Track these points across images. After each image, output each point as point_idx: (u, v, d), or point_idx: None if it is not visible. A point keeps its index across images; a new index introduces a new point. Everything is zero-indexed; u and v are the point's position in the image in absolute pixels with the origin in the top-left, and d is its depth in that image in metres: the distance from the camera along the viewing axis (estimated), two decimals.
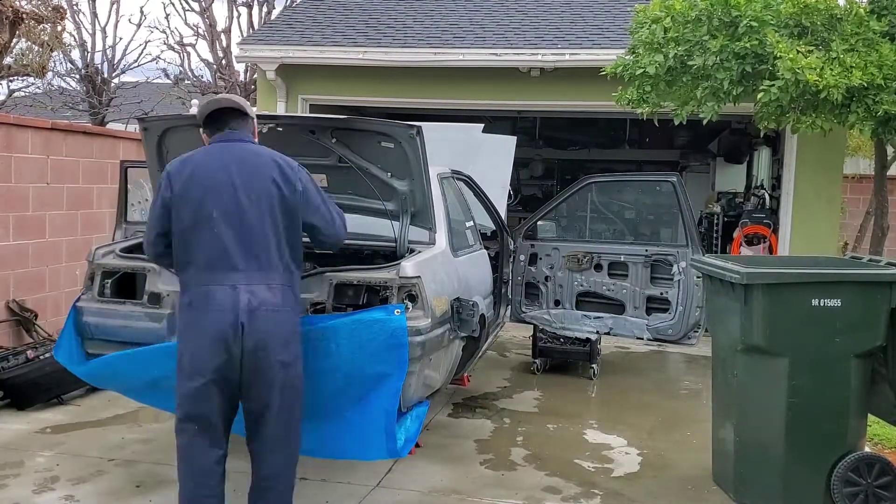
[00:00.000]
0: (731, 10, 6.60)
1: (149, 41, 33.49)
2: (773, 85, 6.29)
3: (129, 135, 8.97)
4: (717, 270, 4.63)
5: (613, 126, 14.56)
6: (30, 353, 6.18)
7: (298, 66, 10.18)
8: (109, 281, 4.74)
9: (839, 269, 4.65)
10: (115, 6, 18.32)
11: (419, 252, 4.66)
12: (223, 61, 18.31)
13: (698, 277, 6.11)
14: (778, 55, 6.23)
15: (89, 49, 18.15)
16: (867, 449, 4.96)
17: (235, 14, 18.41)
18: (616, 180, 7.92)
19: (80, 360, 4.67)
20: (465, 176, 6.30)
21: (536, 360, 7.55)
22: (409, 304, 4.33)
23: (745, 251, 9.76)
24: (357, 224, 5.17)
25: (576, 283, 6.79)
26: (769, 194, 10.80)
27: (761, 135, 9.61)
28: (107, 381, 4.81)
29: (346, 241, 5.26)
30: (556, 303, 6.86)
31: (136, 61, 19.30)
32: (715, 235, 11.30)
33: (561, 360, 7.63)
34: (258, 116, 5.10)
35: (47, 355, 6.22)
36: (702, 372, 7.59)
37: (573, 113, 11.43)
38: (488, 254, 6.26)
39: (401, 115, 7.10)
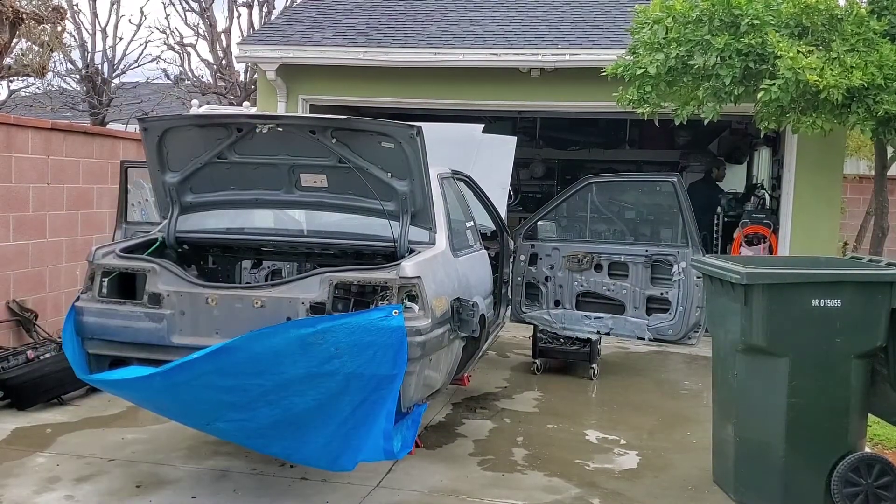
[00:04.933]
0: (733, 9, 6.61)
1: (149, 41, 33.46)
2: (774, 84, 6.29)
3: (129, 135, 8.97)
4: (717, 271, 4.63)
5: (613, 126, 14.54)
6: (30, 353, 6.18)
7: (298, 66, 10.18)
8: (109, 281, 4.74)
9: (839, 269, 4.65)
10: (115, 6, 18.34)
11: (419, 252, 4.66)
12: (223, 61, 18.31)
13: (698, 277, 6.11)
14: (779, 54, 6.23)
15: (89, 49, 18.16)
16: (867, 449, 4.96)
17: (235, 14, 18.42)
18: (616, 180, 7.91)
19: (82, 364, 4.67)
20: (465, 176, 6.30)
21: (536, 361, 7.55)
22: (410, 305, 4.33)
23: (746, 251, 9.75)
24: (357, 224, 5.19)
25: (576, 283, 6.79)
26: (769, 194, 10.80)
27: (761, 135, 9.60)
28: (109, 390, 4.83)
29: (347, 241, 5.30)
30: (557, 303, 6.85)
31: (136, 61, 19.33)
32: (715, 235, 11.29)
33: (561, 360, 7.63)
34: (258, 116, 5.11)
35: (47, 355, 6.22)
36: (702, 372, 7.59)
37: (573, 113, 11.42)
38: (488, 254, 6.26)
39: (401, 115, 7.10)
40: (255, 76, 13.59)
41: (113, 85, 18.75)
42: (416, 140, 4.50)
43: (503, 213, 7.05)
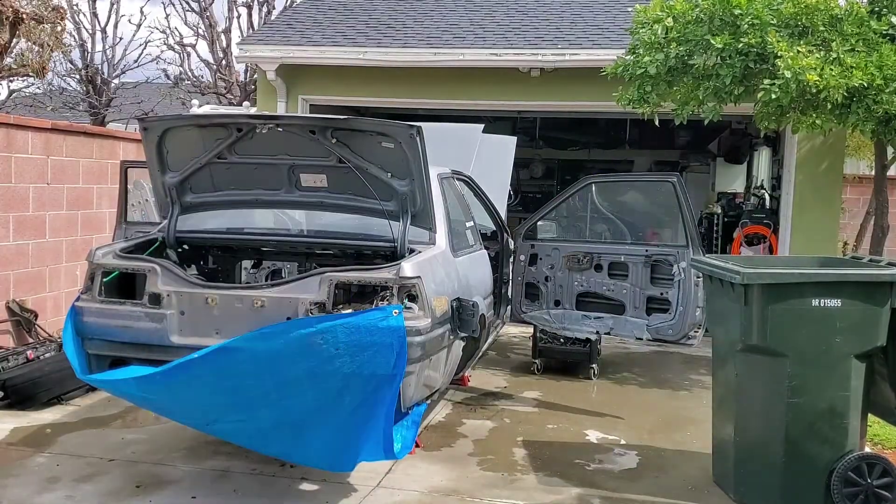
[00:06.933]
0: (733, 9, 6.61)
1: (149, 41, 33.45)
2: (774, 84, 6.29)
3: (129, 135, 8.97)
4: (717, 271, 4.63)
5: (613, 126, 14.55)
6: (30, 353, 6.18)
7: (298, 66, 10.18)
8: (109, 281, 4.74)
9: (839, 269, 4.65)
10: (114, 6, 18.36)
11: (419, 252, 4.66)
12: (223, 61, 18.32)
13: (698, 277, 6.11)
14: (779, 54, 6.23)
15: (89, 49, 18.18)
16: (867, 449, 4.96)
17: (235, 14, 18.42)
18: (616, 180, 7.91)
19: (82, 364, 4.67)
20: (465, 176, 6.30)
21: (536, 361, 7.55)
22: (410, 305, 4.33)
23: (746, 251, 9.75)
24: (357, 224, 5.19)
25: (576, 283, 6.79)
26: (769, 194, 10.80)
27: (761, 135, 9.60)
28: (109, 390, 4.84)
29: (347, 242, 5.30)
30: (557, 303, 6.85)
31: (136, 61, 19.35)
32: (715, 235, 11.29)
33: (561, 360, 7.62)
34: (258, 116, 5.11)
35: (47, 355, 6.23)
36: (702, 372, 7.59)
37: (573, 113, 11.43)
38: (488, 254, 6.26)
39: (401, 115, 7.10)
40: (255, 76, 13.59)
41: (113, 85, 18.76)
42: (416, 140, 4.50)
43: (503, 213, 7.05)
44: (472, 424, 5.95)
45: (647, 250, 6.65)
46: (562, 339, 7.36)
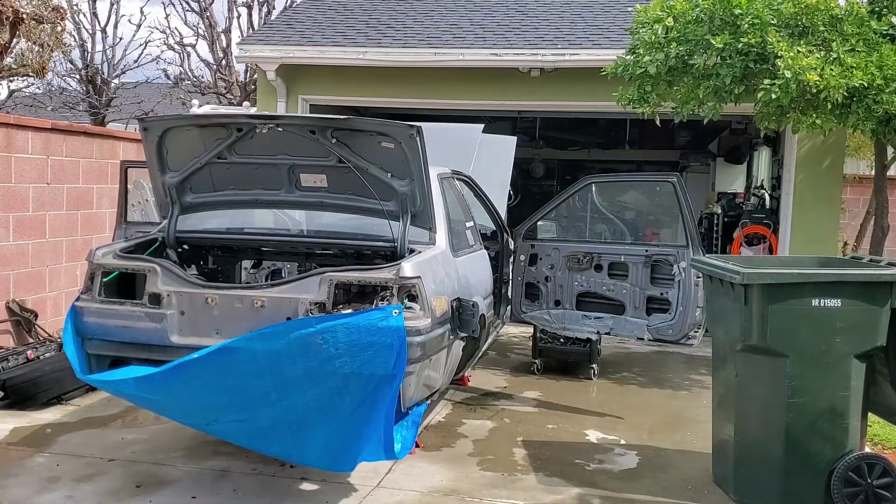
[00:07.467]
0: (733, 9, 6.61)
1: (149, 41, 33.44)
2: (774, 84, 6.29)
3: (129, 135, 8.97)
4: (717, 271, 4.63)
5: (613, 126, 14.56)
6: (30, 353, 6.18)
7: (298, 66, 10.19)
8: (109, 281, 4.74)
9: (839, 269, 4.65)
10: (114, 6, 18.37)
11: (419, 252, 4.66)
12: (223, 61, 18.31)
13: (698, 277, 6.11)
14: (779, 54, 6.23)
15: (89, 49, 18.18)
16: (867, 449, 4.95)
17: (235, 14, 18.42)
18: (616, 181, 7.91)
19: (82, 364, 4.67)
20: (465, 176, 6.30)
21: (536, 361, 7.55)
22: (410, 305, 4.33)
23: (746, 251, 9.75)
24: (357, 224, 5.20)
25: (576, 283, 6.79)
26: (769, 194, 10.80)
27: (761, 135, 9.60)
28: (109, 390, 4.84)
29: (347, 242, 5.30)
30: (557, 303, 6.85)
31: (136, 61, 19.36)
32: (715, 235, 11.29)
33: (561, 360, 7.63)
34: (258, 116, 5.12)
35: (47, 355, 6.23)
36: (702, 372, 7.60)
37: (573, 113, 11.43)
38: (488, 254, 6.26)
39: (401, 115, 7.10)
40: (255, 76, 13.59)
41: (113, 85, 18.76)
42: (416, 140, 4.50)
43: (503, 213, 7.05)
44: (472, 424, 5.95)
45: (647, 250, 6.65)
46: (562, 339, 7.37)
